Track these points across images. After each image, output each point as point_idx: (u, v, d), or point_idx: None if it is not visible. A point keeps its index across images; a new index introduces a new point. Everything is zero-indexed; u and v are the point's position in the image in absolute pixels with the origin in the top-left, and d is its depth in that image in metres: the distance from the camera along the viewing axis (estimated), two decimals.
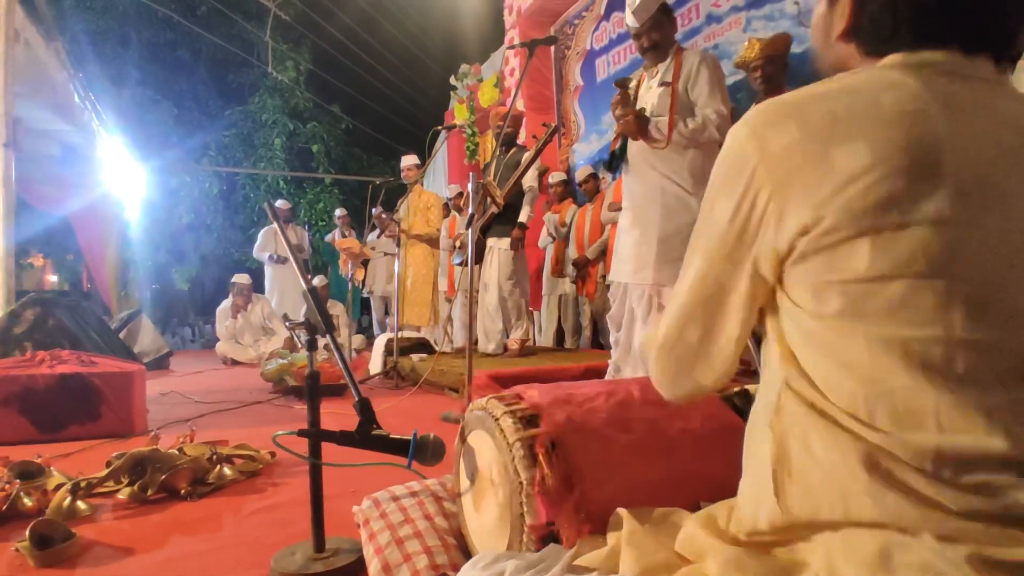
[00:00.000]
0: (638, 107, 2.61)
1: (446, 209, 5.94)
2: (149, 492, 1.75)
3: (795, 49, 3.28)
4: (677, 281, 0.69)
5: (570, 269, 5.34)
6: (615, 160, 2.74)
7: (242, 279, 7.06)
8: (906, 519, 0.48)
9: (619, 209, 2.96)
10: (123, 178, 7.27)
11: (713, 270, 0.63)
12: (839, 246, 0.53)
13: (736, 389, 1.07)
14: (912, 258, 0.51)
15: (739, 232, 0.60)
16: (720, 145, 0.65)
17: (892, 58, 0.60)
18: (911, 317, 0.51)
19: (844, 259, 0.53)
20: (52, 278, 12.82)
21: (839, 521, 0.52)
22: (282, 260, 7.45)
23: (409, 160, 5.54)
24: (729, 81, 2.82)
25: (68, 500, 1.63)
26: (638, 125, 2.52)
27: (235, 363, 6.66)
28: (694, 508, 0.73)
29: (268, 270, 7.74)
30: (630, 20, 2.64)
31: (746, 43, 3.14)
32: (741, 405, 1.02)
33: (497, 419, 0.90)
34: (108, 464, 1.85)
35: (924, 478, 0.48)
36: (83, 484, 1.72)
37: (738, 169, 0.59)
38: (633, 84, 2.74)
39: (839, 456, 0.52)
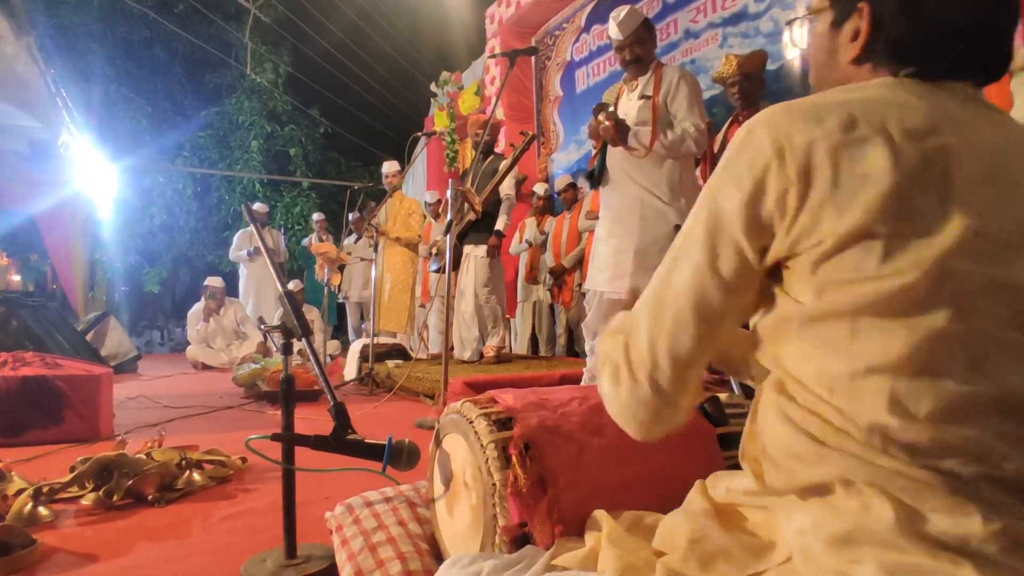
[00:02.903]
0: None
1: (435, 206, 5.93)
2: (115, 498, 1.71)
3: (770, 66, 3.37)
4: (651, 287, 0.66)
5: (545, 277, 5.36)
6: (596, 174, 2.78)
7: (215, 282, 6.95)
8: (848, 473, 0.53)
9: (596, 218, 3.00)
10: (94, 177, 7.11)
11: (713, 262, 0.61)
12: (853, 246, 0.54)
13: (708, 396, 1.09)
14: (919, 262, 0.52)
15: (747, 224, 0.59)
16: (697, 158, 0.67)
17: (899, 77, 0.63)
18: (908, 312, 0.53)
19: (856, 260, 0.54)
20: (15, 278, 12.44)
21: (800, 487, 0.57)
22: (259, 253, 7.35)
23: (391, 167, 5.53)
24: (706, 95, 2.88)
25: (29, 506, 1.59)
26: (617, 131, 2.56)
27: (206, 367, 6.54)
28: (666, 511, 0.74)
29: (243, 272, 7.64)
30: (614, 32, 2.69)
31: (724, 59, 3.21)
32: (712, 412, 1.04)
33: (471, 421, 0.91)
34: (72, 469, 1.80)
35: (861, 445, 0.53)
36: (45, 489, 1.67)
37: (753, 162, 0.59)
38: (611, 100, 2.79)
39: (791, 428, 0.56)
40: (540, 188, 5.82)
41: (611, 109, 2.70)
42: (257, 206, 7.93)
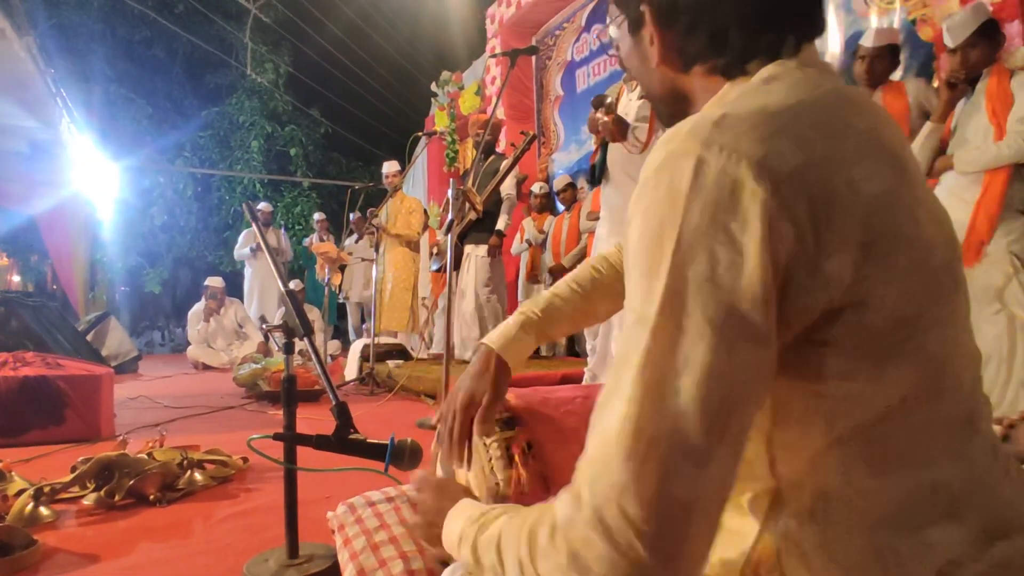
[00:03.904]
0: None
1: (426, 215, 5.93)
2: (116, 498, 1.71)
3: None
4: (619, 403, 0.44)
5: (546, 276, 5.36)
6: (597, 171, 2.78)
7: (215, 282, 6.95)
8: None
9: (597, 218, 3.00)
10: (94, 177, 7.11)
11: (735, 358, 0.42)
12: (870, 283, 0.45)
13: None
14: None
15: (763, 293, 0.42)
16: None
17: (784, 63, 0.53)
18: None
19: (886, 303, 0.45)
20: (16, 278, 12.44)
21: None
22: (262, 249, 7.37)
23: (391, 167, 5.54)
24: None
25: (30, 506, 1.58)
26: (617, 127, 2.57)
27: (206, 367, 6.54)
28: None
29: (248, 271, 7.65)
30: (614, 32, 2.69)
31: None
32: None
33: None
34: (73, 469, 1.80)
35: None
36: (46, 489, 1.67)
37: (732, 206, 0.43)
38: (611, 99, 2.79)
39: None
40: (537, 187, 5.82)
41: (610, 101, 2.70)
42: (262, 206, 7.94)
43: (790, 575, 0.49)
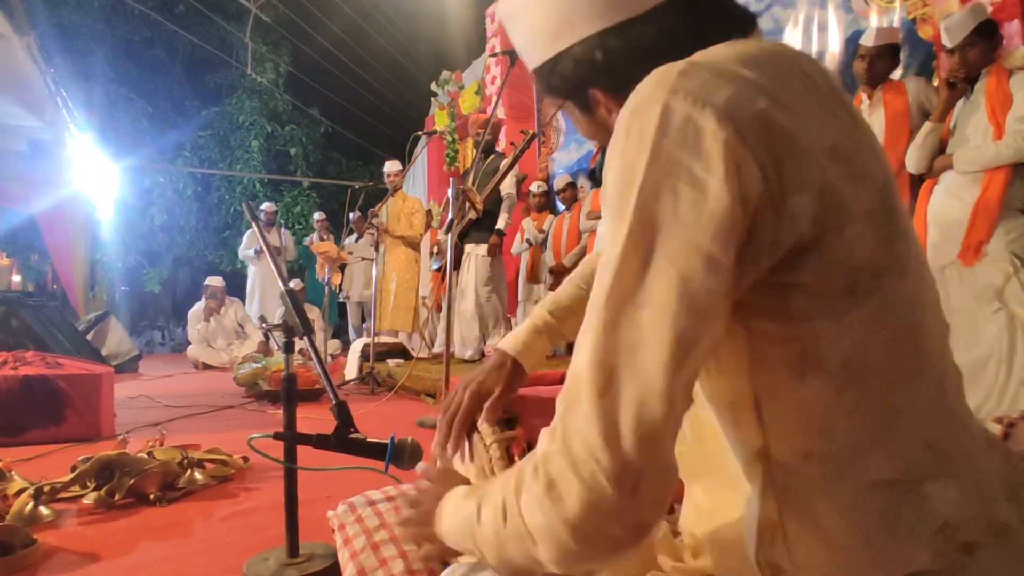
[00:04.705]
0: None
1: (427, 216, 5.93)
2: (116, 497, 1.71)
3: None
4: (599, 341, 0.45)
5: (546, 275, 5.36)
6: (598, 172, 2.78)
7: (215, 282, 6.95)
8: None
9: (598, 217, 3.00)
10: (94, 177, 7.11)
11: (692, 291, 0.44)
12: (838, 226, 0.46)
13: None
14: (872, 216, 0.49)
15: (725, 229, 0.44)
16: None
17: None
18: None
19: (845, 246, 0.46)
20: (16, 278, 12.44)
21: None
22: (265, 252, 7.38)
23: (393, 166, 5.54)
24: None
25: (30, 505, 1.59)
26: None
27: (207, 367, 6.54)
28: (669, 510, 0.74)
29: (251, 270, 7.66)
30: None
31: None
32: None
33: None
34: (73, 468, 1.80)
35: None
36: (46, 489, 1.67)
37: (696, 147, 0.44)
38: None
39: None
40: (535, 186, 5.82)
41: None
42: (265, 206, 7.94)
43: (793, 538, 0.50)
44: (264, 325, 1.28)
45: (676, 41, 0.54)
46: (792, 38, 4.01)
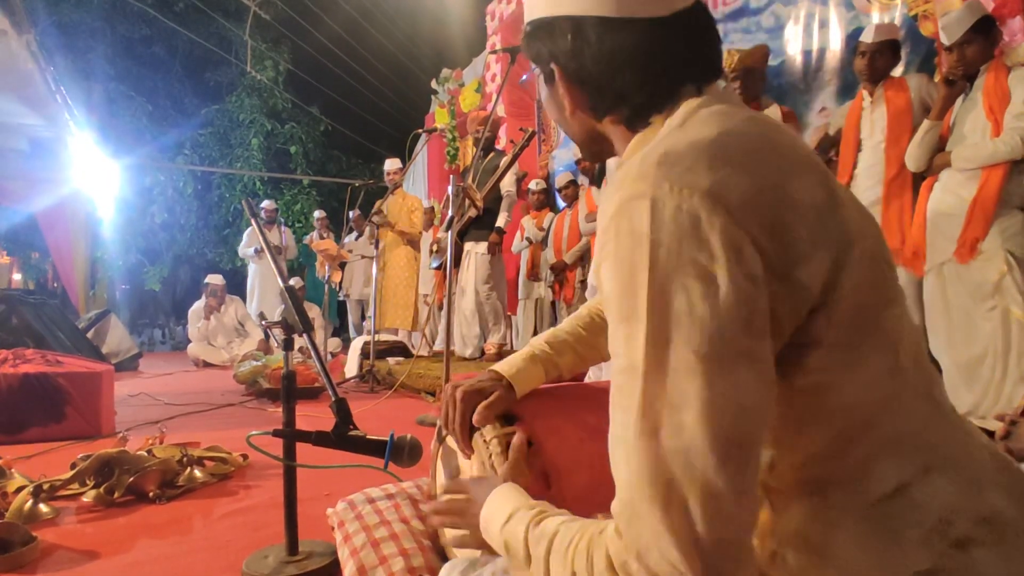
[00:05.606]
0: None
1: (430, 213, 5.93)
2: (116, 494, 1.71)
3: (771, 61, 3.36)
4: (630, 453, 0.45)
5: (546, 273, 5.36)
6: (596, 173, 2.78)
7: (216, 280, 6.94)
8: None
9: (596, 219, 2.99)
10: (95, 175, 7.11)
11: (726, 385, 0.43)
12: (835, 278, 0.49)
13: None
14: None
15: (744, 315, 0.44)
16: None
17: (689, 104, 0.57)
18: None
19: (842, 294, 0.49)
20: (16, 276, 12.44)
21: None
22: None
23: (393, 164, 5.53)
24: None
25: (29, 502, 1.58)
26: None
27: (207, 365, 6.53)
28: None
29: (252, 268, 7.66)
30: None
31: (725, 53, 3.20)
32: None
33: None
34: (73, 466, 1.80)
35: None
36: (46, 486, 1.67)
37: (694, 236, 0.44)
38: None
39: None
40: (534, 184, 5.81)
41: None
42: (265, 203, 7.93)
43: (793, 564, 0.51)
44: (264, 323, 1.28)
45: (640, 60, 0.57)
46: (793, 35, 4.01)
